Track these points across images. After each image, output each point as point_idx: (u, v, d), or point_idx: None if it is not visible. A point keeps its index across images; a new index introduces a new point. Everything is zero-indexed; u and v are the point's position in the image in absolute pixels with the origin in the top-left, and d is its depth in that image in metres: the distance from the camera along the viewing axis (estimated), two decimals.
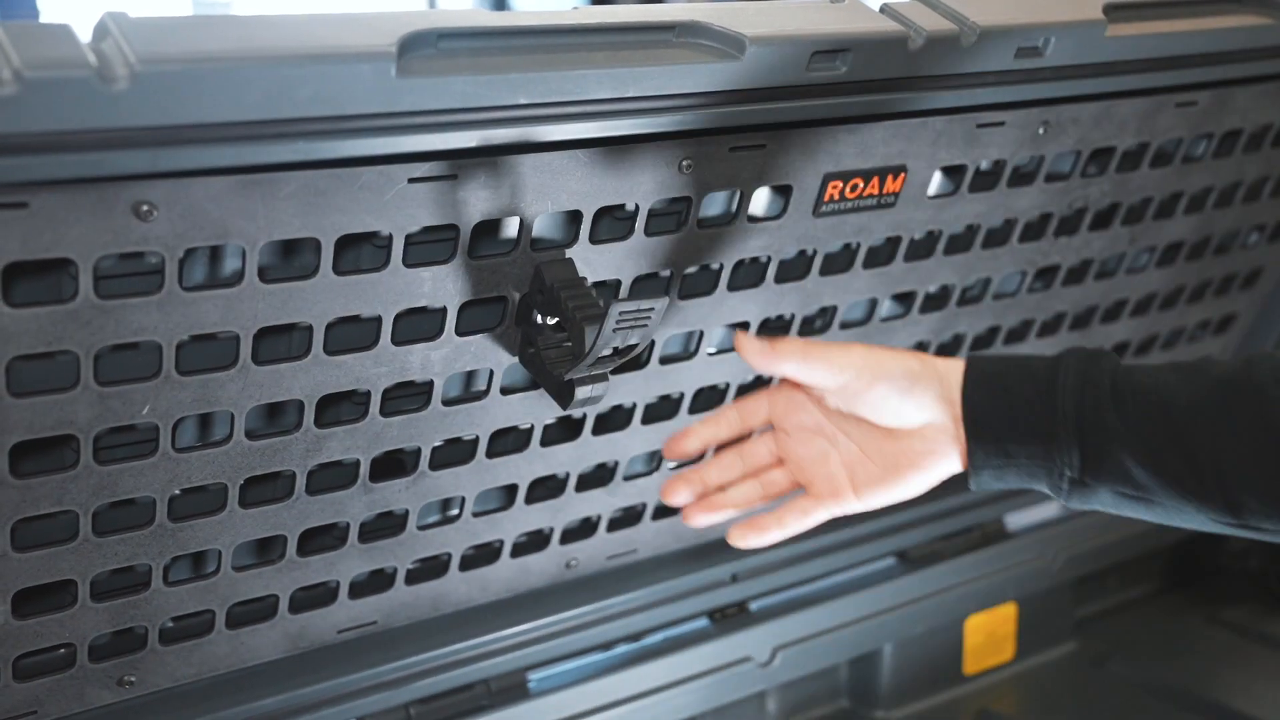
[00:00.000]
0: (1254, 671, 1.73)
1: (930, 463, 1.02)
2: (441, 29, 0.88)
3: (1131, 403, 0.96)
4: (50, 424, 0.93)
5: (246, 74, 0.81)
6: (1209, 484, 0.94)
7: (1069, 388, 0.98)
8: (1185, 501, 0.95)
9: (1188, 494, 0.95)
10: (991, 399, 0.99)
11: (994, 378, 1.00)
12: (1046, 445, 0.98)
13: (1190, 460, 0.94)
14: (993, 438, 0.99)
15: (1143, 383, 0.97)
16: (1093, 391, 0.97)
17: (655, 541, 1.40)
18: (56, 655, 1.08)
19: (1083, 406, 0.97)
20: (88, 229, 0.86)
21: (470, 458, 1.17)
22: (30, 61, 0.75)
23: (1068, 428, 0.97)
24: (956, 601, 1.63)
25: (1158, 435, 0.95)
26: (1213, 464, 0.93)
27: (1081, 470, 0.97)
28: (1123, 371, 0.99)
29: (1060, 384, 0.98)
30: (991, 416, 0.99)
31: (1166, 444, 0.95)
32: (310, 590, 1.18)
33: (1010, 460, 0.99)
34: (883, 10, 1.09)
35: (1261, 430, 0.92)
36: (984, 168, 1.28)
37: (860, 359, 1.01)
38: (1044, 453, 0.98)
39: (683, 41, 0.99)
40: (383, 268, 1.00)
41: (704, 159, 1.09)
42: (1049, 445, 0.97)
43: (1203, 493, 0.94)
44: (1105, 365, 0.99)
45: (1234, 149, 1.47)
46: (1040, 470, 0.99)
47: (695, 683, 1.42)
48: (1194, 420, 0.94)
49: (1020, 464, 0.99)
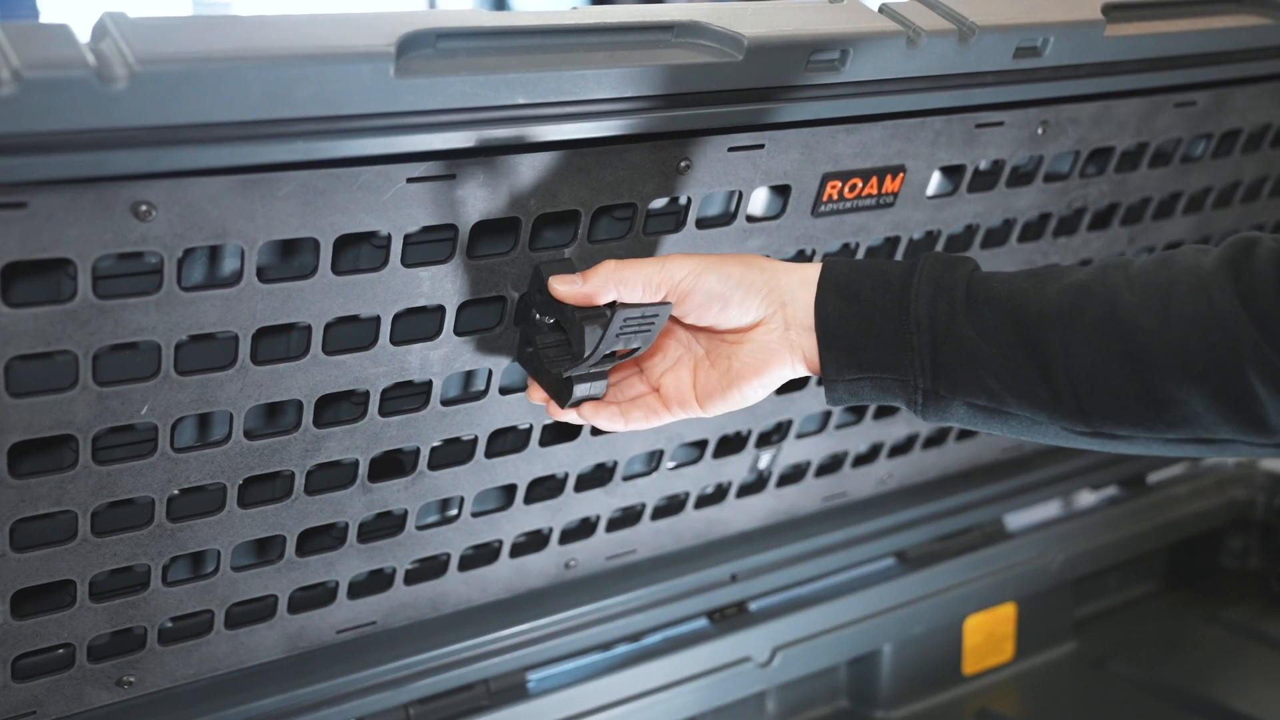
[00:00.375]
0: (1254, 671, 1.73)
1: (767, 368, 1.00)
2: (440, 29, 0.88)
3: (985, 310, 0.94)
4: (49, 424, 0.93)
5: (246, 74, 0.81)
6: (1061, 393, 0.92)
7: (922, 295, 0.95)
8: (1038, 411, 0.94)
9: (1040, 404, 0.93)
10: (845, 306, 0.97)
11: (847, 286, 0.98)
12: (898, 355, 0.95)
13: (1043, 369, 0.92)
14: (845, 348, 0.97)
15: (997, 290, 0.95)
16: (946, 300, 0.95)
17: (654, 541, 1.40)
18: (55, 655, 1.08)
19: (935, 315, 0.95)
20: (86, 229, 0.86)
21: (469, 458, 1.17)
22: (29, 61, 0.75)
23: (921, 337, 0.95)
24: (956, 601, 1.63)
25: (1010, 343, 0.93)
26: (1065, 371, 0.91)
27: (934, 380, 0.95)
28: (978, 278, 0.96)
29: (914, 292, 0.96)
30: (843, 326, 0.97)
31: (1019, 352, 0.92)
32: (309, 590, 1.18)
33: (863, 373, 0.97)
34: (882, 10, 1.09)
35: (1113, 336, 0.90)
36: (983, 168, 1.28)
37: (680, 269, 0.98)
38: (896, 363, 0.96)
39: (681, 41, 0.99)
40: (381, 268, 1.00)
41: (703, 159, 1.09)
42: (900, 355, 0.95)
43: (1055, 402, 0.92)
44: (960, 272, 0.96)
45: (1233, 149, 1.47)
46: (894, 383, 0.97)
47: (695, 683, 1.42)
48: (1046, 328, 0.92)
49: (873, 377, 0.97)
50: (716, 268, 0.99)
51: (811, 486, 1.48)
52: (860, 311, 0.97)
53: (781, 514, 1.49)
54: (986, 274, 0.97)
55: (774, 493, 1.46)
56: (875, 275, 0.98)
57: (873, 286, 0.97)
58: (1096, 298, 0.92)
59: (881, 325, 0.96)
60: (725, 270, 0.99)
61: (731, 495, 1.42)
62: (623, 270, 0.98)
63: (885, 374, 0.97)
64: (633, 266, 0.98)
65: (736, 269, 0.99)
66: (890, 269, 0.99)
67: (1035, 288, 0.94)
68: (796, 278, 1.00)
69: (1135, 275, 0.92)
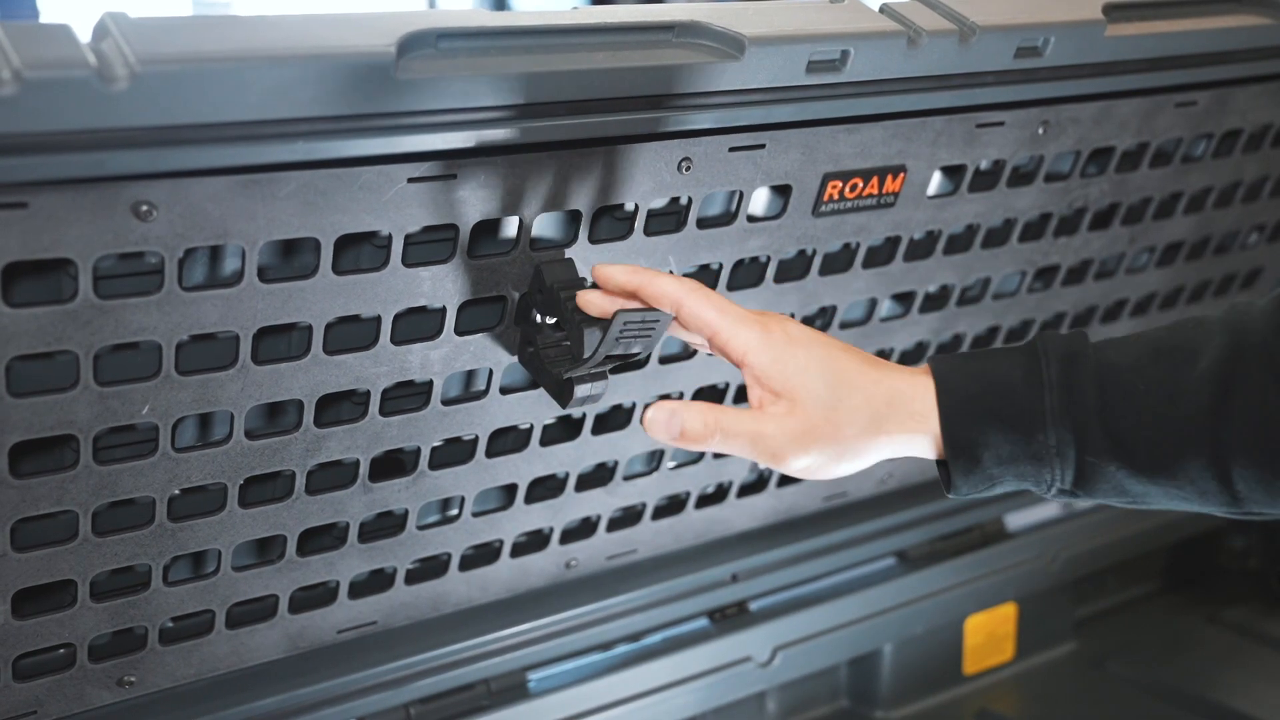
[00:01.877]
0: (1254, 671, 1.73)
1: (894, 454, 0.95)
2: (441, 29, 0.88)
3: (1121, 412, 0.90)
4: (50, 424, 0.93)
5: (246, 74, 0.81)
6: (1208, 489, 0.90)
7: (1056, 409, 0.91)
8: (1181, 503, 0.92)
9: (1185, 498, 0.92)
10: (973, 428, 0.92)
11: (972, 400, 0.92)
12: (1036, 466, 0.92)
13: (1184, 466, 0.89)
14: (978, 468, 0.93)
15: (1130, 386, 0.91)
16: (1080, 408, 0.91)
17: (655, 541, 1.40)
18: (56, 655, 1.08)
19: (1074, 426, 0.91)
20: (87, 229, 0.86)
21: (470, 457, 1.17)
22: (30, 61, 0.75)
23: (1062, 451, 0.91)
24: (956, 601, 1.63)
25: (1152, 447, 0.90)
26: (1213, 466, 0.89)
27: (1074, 485, 0.93)
28: (1108, 375, 0.92)
29: (1047, 406, 0.91)
30: (975, 448, 0.92)
31: (1161, 454, 0.90)
32: (310, 590, 1.18)
33: (996, 482, 0.94)
34: (882, 10, 1.09)
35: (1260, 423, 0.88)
36: (983, 167, 1.28)
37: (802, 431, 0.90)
38: (1034, 472, 0.93)
39: (682, 41, 0.99)
40: (382, 267, 1.00)
41: (703, 159, 1.09)
42: (1039, 466, 0.92)
43: (1201, 496, 0.91)
44: (1087, 369, 0.92)
45: (1233, 149, 1.47)
46: (1030, 483, 0.94)
47: (695, 683, 1.42)
48: (1189, 425, 0.89)
49: (1007, 483, 0.94)
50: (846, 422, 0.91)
51: (811, 486, 1.48)
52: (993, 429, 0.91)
53: (782, 514, 1.49)
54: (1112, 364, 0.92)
55: (774, 493, 1.46)
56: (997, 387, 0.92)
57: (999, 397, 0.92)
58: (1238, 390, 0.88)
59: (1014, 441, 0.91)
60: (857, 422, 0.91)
61: (732, 495, 1.42)
62: (736, 434, 0.92)
63: (1021, 480, 0.93)
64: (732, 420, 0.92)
65: (869, 415, 0.91)
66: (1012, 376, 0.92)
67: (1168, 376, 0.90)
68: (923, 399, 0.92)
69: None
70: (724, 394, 1.31)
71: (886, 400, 0.92)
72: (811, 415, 0.91)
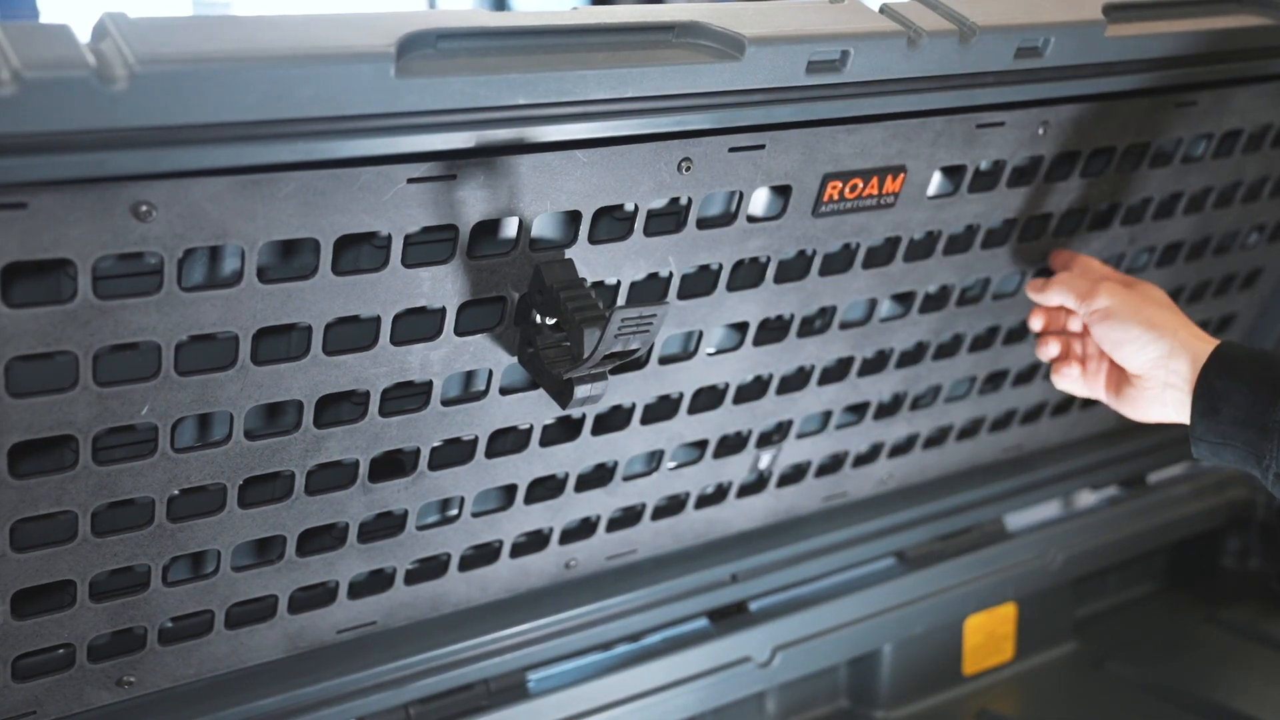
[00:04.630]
0: (1254, 671, 1.73)
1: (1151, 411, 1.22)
2: (440, 29, 0.88)
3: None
4: (49, 424, 0.93)
5: (246, 74, 0.81)
6: None
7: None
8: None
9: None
10: (1225, 379, 1.12)
11: (1236, 362, 1.12)
12: (1262, 438, 1.07)
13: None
14: (1215, 418, 1.11)
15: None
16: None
17: (655, 541, 1.40)
18: (55, 655, 1.08)
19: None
20: (87, 229, 0.86)
21: (469, 458, 1.17)
22: (30, 62, 0.75)
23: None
24: (956, 601, 1.63)
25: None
26: None
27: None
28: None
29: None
30: (1218, 398, 1.12)
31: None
32: (309, 590, 1.18)
33: (1226, 443, 1.12)
34: (882, 10, 1.09)
35: None
36: (983, 168, 1.28)
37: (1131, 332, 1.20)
38: (1259, 444, 1.08)
39: (682, 42, 0.99)
40: (382, 268, 1.00)
41: (703, 159, 1.09)
42: (1265, 439, 1.07)
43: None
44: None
45: (1234, 149, 1.47)
46: (1254, 457, 1.10)
47: (695, 683, 1.42)
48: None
49: (1234, 450, 1.11)
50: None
51: (812, 486, 1.48)
52: (1238, 390, 1.12)
53: (782, 514, 1.49)
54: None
55: (774, 493, 1.46)
56: (1258, 361, 1.12)
57: (1249, 385, 1.11)
58: None
59: (1250, 415, 1.10)
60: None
61: (732, 495, 1.42)
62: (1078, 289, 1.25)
63: (1247, 448, 1.11)
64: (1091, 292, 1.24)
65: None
66: (1273, 366, 1.11)
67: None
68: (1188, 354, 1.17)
69: None
70: (724, 393, 1.31)
71: (1184, 321, 1.21)
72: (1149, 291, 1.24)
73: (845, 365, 1.39)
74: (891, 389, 1.44)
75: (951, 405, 1.52)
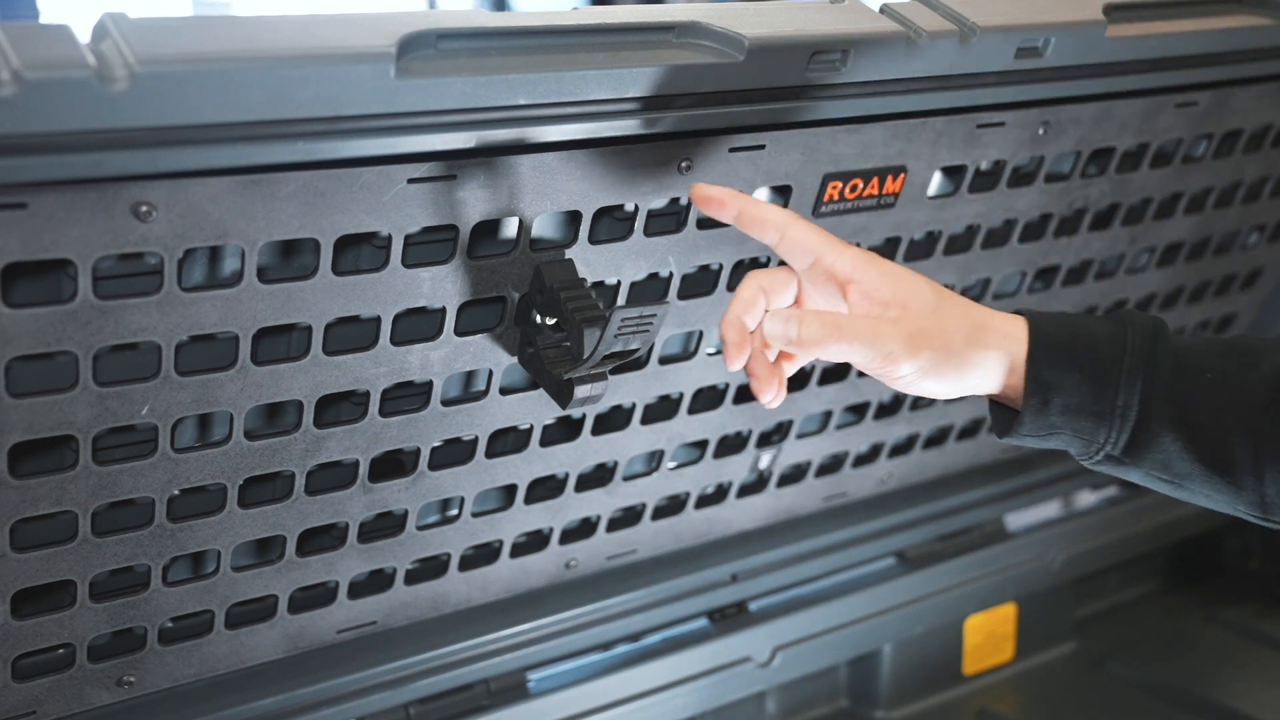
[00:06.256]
0: (1254, 671, 1.73)
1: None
2: (441, 29, 0.88)
3: (1188, 390, 0.95)
4: (49, 424, 0.93)
5: (246, 75, 0.81)
6: (1244, 484, 0.94)
7: (1132, 372, 0.96)
8: (1216, 494, 0.96)
9: (1220, 489, 0.95)
10: (1055, 369, 0.96)
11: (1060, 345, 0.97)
12: (1095, 424, 0.97)
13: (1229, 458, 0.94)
14: (1046, 411, 0.97)
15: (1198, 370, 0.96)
16: (1152, 378, 0.95)
17: (655, 541, 1.40)
18: (56, 655, 1.08)
19: (1144, 392, 0.95)
20: (87, 229, 0.86)
21: (469, 458, 1.17)
22: (30, 62, 0.75)
23: (1126, 413, 0.96)
24: (956, 601, 1.63)
25: (1207, 431, 0.94)
26: (1253, 463, 0.93)
27: (1125, 451, 0.97)
28: (1182, 356, 0.96)
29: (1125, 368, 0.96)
30: (1050, 390, 0.96)
31: (1214, 439, 0.94)
32: (309, 590, 1.18)
33: (1054, 432, 0.98)
34: (883, 10, 1.09)
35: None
36: (984, 168, 1.28)
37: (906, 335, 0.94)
38: (1091, 430, 0.97)
39: (682, 42, 0.99)
40: (382, 268, 1.00)
41: (703, 159, 1.09)
42: (1098, 424, 0.97)
43: (1235, 492, 0.95)
44: (1165, 346, 0.97)
45: (1234, 149, 1.47)
46: (1082, 441, 0.98)
47: (695, 683, 1.42)
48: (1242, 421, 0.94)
49: (1062, 436, 0.98)
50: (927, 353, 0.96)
51: (812, 486, 1.48)
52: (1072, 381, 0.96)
53: (782, 514, 1.49)
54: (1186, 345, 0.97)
55: (774, 493, 1.46)
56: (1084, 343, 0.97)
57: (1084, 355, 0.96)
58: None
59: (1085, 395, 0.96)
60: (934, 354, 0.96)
61: (732, 495, 1.42)
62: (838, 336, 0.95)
63: (1077, 435, 0.97)
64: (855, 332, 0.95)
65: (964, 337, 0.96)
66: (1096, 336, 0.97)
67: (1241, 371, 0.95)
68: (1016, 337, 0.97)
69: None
70: (724, 393, 1.31)
71: (982, 320, 0.98)
72: (921, 318, 0.96)
73: (845, 365, 1.38)
74: (891, 389, 1.44)
75: (952, 405, 1.52)
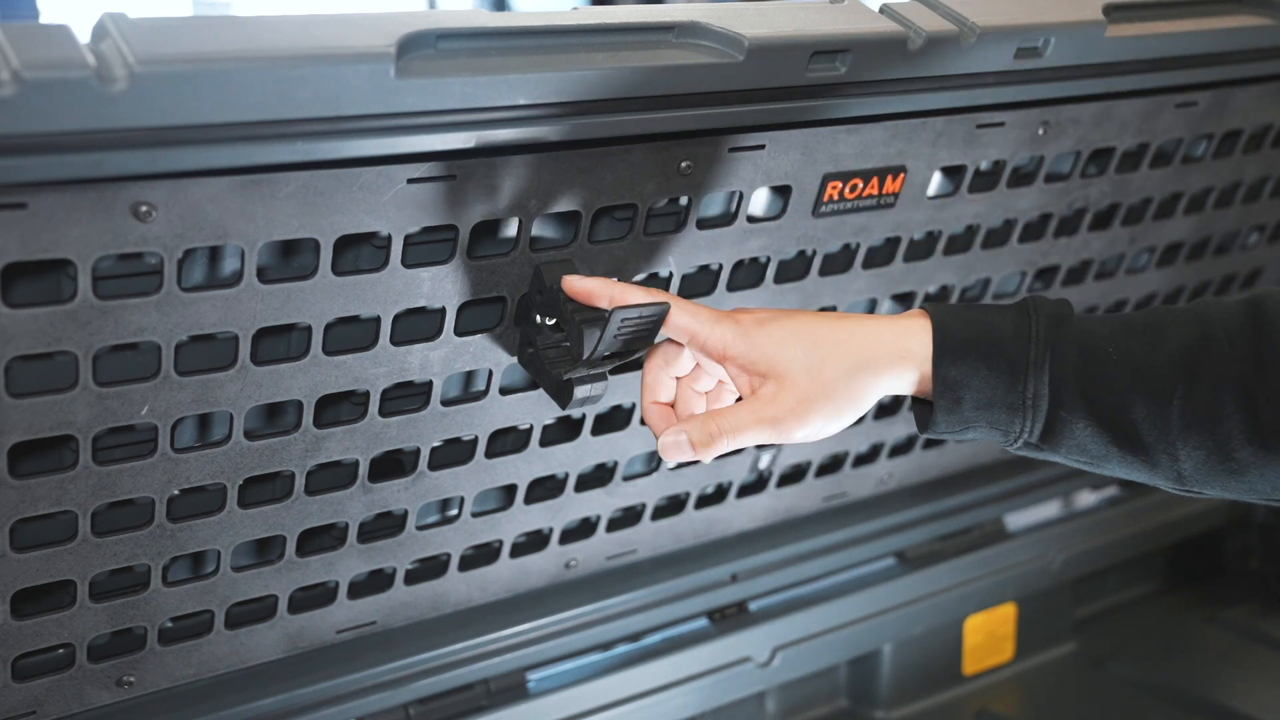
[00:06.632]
0: (1254, 671, 1.73)
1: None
2: (440, 29, 0.88)
3: (1096, 375, 0.95)
4: (49, 424, 0.93)
5: (246, 75, 0.81)
6: (1159, 462, 0.95)
7: (1039, 363, 0.95)
8: (1134, 471, 0.97)
9: (1137, 466, 0.96)
10: (961, 368, 0.96)
11: (965, 344, 0.96)
12: (1009, 415, 0.97)
13: (1142, 437, 0.94)
14: (958, 408, 0.97)
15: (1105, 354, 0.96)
16: (1060, 365, 0.95)
17: (655, 541, 1.40)
18: (55, 655, 1.08)
19: (1053, 381, 0.95)
20: (86, 229, 0.86)
21: (469, 458, 1.17)
22: (29, 62, 0.75)
23: (1037, 404, 0.96)
24: (956, 601, 1.63)
25: (1118, 413, 0.95)
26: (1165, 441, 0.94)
27: (1042, 438, 0.97)
28: (1087, 341, 0.96)
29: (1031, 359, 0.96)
30: (959, 388, 0.96)
31: (1124, 421, 0.95)
32: (309, 590, 1.18)
33: (970, 425, 0.98)
34: (882, 10, 1.09)
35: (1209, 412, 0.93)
36: (984, 168, 1.28)
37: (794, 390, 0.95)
38: (1006, 421, 0.97)
39: (682, 42, 0.99)
40: (382, 268, 1.00)
41: (703, 160, 1.09)
42: (1012, 415, 0.97)
43: (1151, 469, 0.96)
44: (1070, 332, 0.97)
45: (1234, 149, 1.47)
46: (1000, 431, 0.97)
47: (695, 683, 1.42)
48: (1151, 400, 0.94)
49: (979, 429, 0.98)
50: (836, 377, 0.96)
51: (811, 486, 1.48)
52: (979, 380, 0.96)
53: (781, 514, 1.49)
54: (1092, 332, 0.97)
55: (774, 493, 1.46)
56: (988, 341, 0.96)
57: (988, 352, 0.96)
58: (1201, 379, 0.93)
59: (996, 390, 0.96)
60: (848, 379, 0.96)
61: (732, 495, 1.42)
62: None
63: (993, 427, 0.97)
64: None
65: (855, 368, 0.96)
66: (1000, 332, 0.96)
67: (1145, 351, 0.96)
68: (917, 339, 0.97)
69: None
70: None
71: (867, 344, 0.96)
72: (800, 383, 0.95)
73: None
74: None
75: None
